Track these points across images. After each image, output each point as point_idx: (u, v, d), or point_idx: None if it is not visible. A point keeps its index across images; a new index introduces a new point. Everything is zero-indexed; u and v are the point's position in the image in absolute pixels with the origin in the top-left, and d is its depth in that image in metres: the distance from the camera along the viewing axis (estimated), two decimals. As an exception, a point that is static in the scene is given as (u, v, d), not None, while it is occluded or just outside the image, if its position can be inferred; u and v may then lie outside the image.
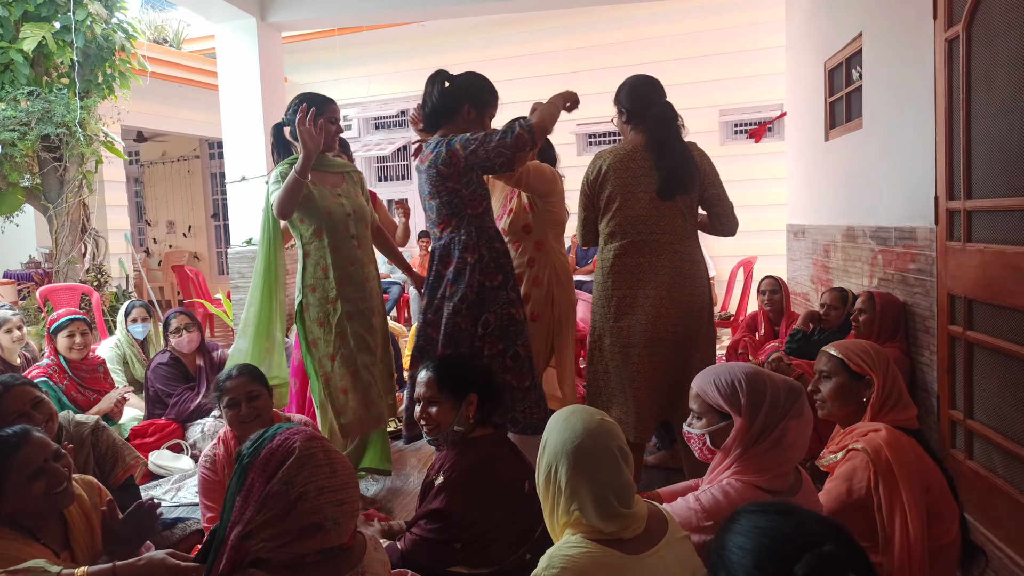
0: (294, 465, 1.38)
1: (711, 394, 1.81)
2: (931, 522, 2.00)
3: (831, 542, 0.97)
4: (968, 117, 2.79)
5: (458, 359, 2.46)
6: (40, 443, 1.94)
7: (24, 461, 1.88)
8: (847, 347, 2.24)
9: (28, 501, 1.88)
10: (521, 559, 2.13)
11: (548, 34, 8.24)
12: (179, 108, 9.18)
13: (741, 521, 1.07)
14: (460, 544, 2.12)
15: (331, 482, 1.40)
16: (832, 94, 5.04)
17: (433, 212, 2.76)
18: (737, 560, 1.02)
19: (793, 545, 0.98)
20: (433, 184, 2.69)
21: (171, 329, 4.08)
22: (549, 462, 1.53)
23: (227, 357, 4.34)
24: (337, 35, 8.59)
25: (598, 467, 1.49)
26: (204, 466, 2.66)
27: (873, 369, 2.16)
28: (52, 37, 6.03)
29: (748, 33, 7.59)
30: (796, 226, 6.12)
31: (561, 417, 1.59)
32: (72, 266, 6.45)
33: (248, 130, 6.59)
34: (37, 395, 2.50)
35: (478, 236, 2.70)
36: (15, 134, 5.80)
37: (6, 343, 3.99)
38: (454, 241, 2.71)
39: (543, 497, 1.56)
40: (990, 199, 2.66)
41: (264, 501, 1.36)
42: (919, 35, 3.20)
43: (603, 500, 1.46)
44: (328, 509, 1.38)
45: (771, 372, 1.83)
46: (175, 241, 12.43)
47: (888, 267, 3.71)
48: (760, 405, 1.73)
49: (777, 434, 1.71)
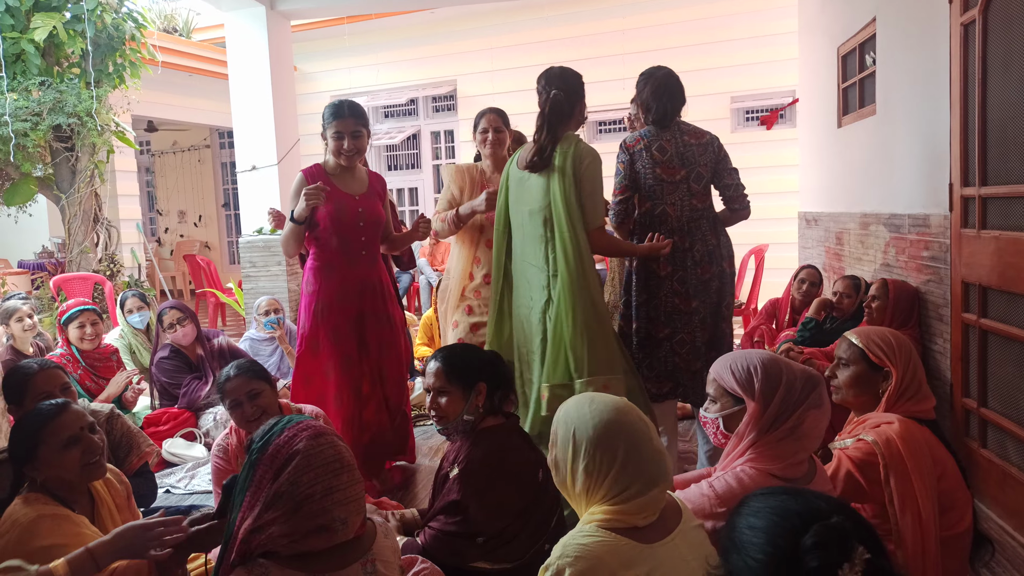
0: (301, 465, 1.39)
1: (726, 379, 1.81)
2: (944, 511, 2.00)
3: (839, 515, 0.99)
4: (984, 103, 2.75)
5: (466, 348, 2.45)
6: (76, 413, 1.99)
7: (60, 428, 1.92)
8: (869, 336, 2.20)
9: (63, 469, 1.92)
10: (540, 551, 2.10)
11: (558, 21, 8.19)
12: (189, 97, 9.20)
13: (751, 504, 1.09)
14: (483, 539, 2.10)
15: (337, 481, 1.40)
16: (845, 80, 4.99)
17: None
18: (748, 540, 1.03)
19: (802, 519, 1.00)
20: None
21: (165, 325, 4.09)
22: (584, 446, 1.50)
23: (228, 343, 4.38)
24: (346, 23, 8.57)
25: (640, 437, 1.50)
26: (217, 455, 2.67)
27: (893, 361, 2.13)
28: (63, 27, 6.04)
29: (760, 19, 7.51)
30: (808, 214, 6.08)
31: (577, 405, 1.58)
32: (85, 256, 6.49)
33: (258, 119, 6.60)
34: (66, 380, 2.65)
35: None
36: (27, 124, 5.83)
37: (17, 332, 4.02)
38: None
39: (572, 481, 1.52)
40: (1005, 185, 2.63)
41: (272, 500, 1.37)
42: (934, 20, 3.16)
43: (648, 464, 1.47)
44: (335, 510, 1.39)
45: (790, 360, 1.82)
46: (186, 231, 12.49)
47: (901, 255, 3.68)
48: (775, 391, 1.72)
49: (792, 422, 1.70)
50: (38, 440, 1.91)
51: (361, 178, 3.20)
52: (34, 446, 1.90)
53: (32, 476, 1.92)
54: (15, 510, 1.86)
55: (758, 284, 6.56)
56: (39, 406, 2.01)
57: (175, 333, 4.07)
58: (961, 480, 2.08)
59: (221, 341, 4.34)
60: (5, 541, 1.77)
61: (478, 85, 8.68)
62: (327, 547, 1.40)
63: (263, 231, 6.52)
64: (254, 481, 1.41)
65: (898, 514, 1.95)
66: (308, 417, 1.53)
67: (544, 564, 1.46)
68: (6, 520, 1.84)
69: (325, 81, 9.43)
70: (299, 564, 1.40)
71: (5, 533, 1.80)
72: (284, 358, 4.68)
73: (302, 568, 1.39)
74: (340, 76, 9.32)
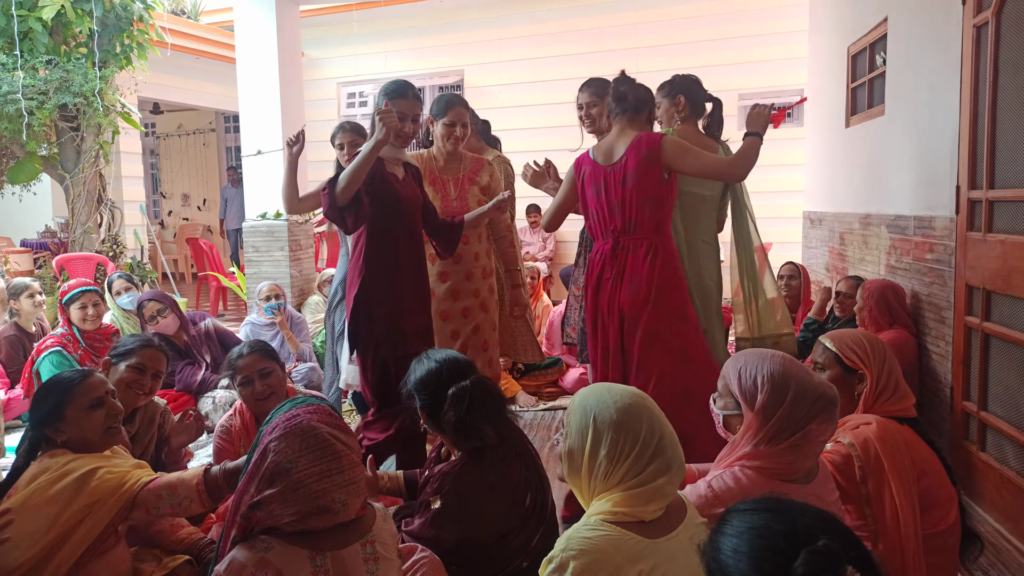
0: (298, 446, 1.42)
1: (732, 382, 1.76)
2: (927, 509, 2.01)
3: (825, 535, 0.97)
4: (994, 105, 2.74)
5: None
6: (101, 380, 2.10)
7: (86, 390, 2.02)
8: (842, 339, 2.23)
9: (87, 429, 2.00)
10: (518, 568, 2.01)
11: (567, 13, 8.15)
12: (196, 80, 9.17)
13: (732, 522, 1.05)
14: (455, 565, 1.96)
15: (335, 464, 1.42)
16: (855, 80, 4.97)
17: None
18: (734, 565, 1.01)
19: (787, 542, 0.98)
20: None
21: (146, 317, 4.09)
22: (606, 431, 1.49)
23: (215, 325, 4.38)
24: (355, 10, 8.55)
25: (660, 419, 1.51)
26: (220, 436, 2.68)
27: (866, 364, 2.15)
28: (71, 6, 6.01)
29: (769, 16, 7.48)
30: (813, 213, 6.07)
31: (595, 392, 1.57)
32: (88, 236, 6.48)
33: (265, 104, 6.59)
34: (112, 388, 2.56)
35: None
36: (33, 103, 5.81)
37: (27, 308, 4.04)
38: None
39: (590, 469, 1.50)
40: (1013, 189, 2.62)
41: (272, 476, 1.41)
42: (947, 21, 3.15)
43: (667, 446, 1.48)
44: (335, 492, 1.41)
45: (808, 374, 1.71)
46: (190, 214, 12.48)
47: (905, 256, 3.67)
48: (777, 408, 1.65)
49: (796, 440, 1.65)
50: (67, 399, 1.99)
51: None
52: (62, 405, 1.98)
53: (53, 438, 1.98)
54: (52, 460, 1.93)
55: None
56: (64, 372, 2.12)
57: (157, 325, 4.07)
58: (944, 477, 2.09)
59: (208, 324, 4.34)
60: (70, 479, 1.87)
61: (485, 76, 8.65)
62: (328, 526, 1.43)
63: (267, 216, 6.52)
64: (256, 456, 1.45)
65: (876, 514, 1.96)
66: (316, 401, 1.54)
67: (547, 556, 1.45)
68: (49, 467, 1.90)
69: (332, 68, 9.41)
70: (300, 541, 1.43)
71: (59, 479, 1.87)
72: (285, 343, 4.68)
73: (303, 545, 1.42)
74: (348, 63, 9.29)
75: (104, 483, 1.87)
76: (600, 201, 2.76)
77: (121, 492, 1.87)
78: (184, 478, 1.92)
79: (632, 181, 2.66)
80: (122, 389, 2.56)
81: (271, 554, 1.40)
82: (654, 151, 2.64)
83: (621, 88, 2.80)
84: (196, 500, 1.90)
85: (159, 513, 1.92)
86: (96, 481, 1.86)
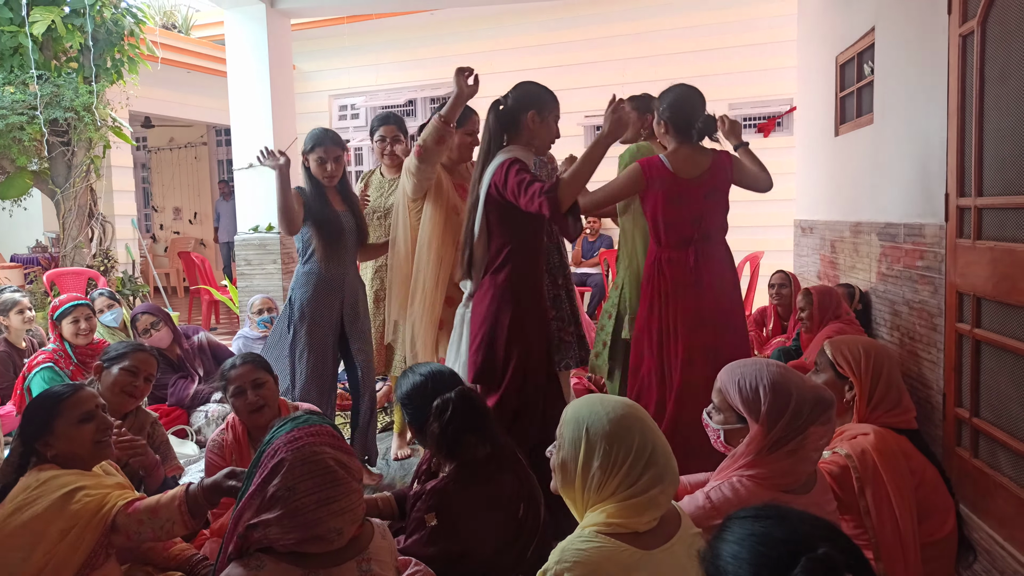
0: (299, 472, 1.40)
1: (732, 395, 1.77)
2: (924, 518, 2.02)
3: (825, 543, 0.97)
4: (981, 113, 2.77)
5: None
6: (92, 394, 2.08)
7: (78, 402, 2.01)
8: (840, 346, 2.26)
9: (77, 443, 1.96)
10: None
11: (557, 25, 8.19)
12: (187, 94, 9.17)
13: (733, 529, 1.06)
14: None
15: (334, 491, 1.41)
16: (843, 89, 5.01)
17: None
18: (734, 571, 1.01)
19: (787, 549, 0.98)
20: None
21: (139, 330, 4.07)
22: (599, 442, 1.48)
23: (208, 339, 4.37)
24: (346, 23, 8.56)
25: (653, 430, 1.51)
26: (212, 451, 2.66)
27: (856, 373, 2.18)
28: (62, 21, 6.01)
29: (758, 27, 7.53)
30: (804, 222, 6.10)
31: (588, 403, 1.57)
32: (79, 251, 6.46)
33: (256, 117, 6.58)
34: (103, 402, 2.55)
35: None
36: (23, 118, 5.80)
37: (16, 324, 4.01)
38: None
39: (583, 480, 1.49)
40: (1002, 196, 2.64)
41: (270, 501, 1.39)
42: (933, 30, 3.18)
43: (660, 456, 1.48)
44: (330, 520, 1.40)
45: (801, 379, 1.74)
46: (181, 227, 12.45)
47: (896, 264, 3.69)
48: (781, 415, 1.67)
49: (794, 445, 1.67)
50: (56, 412, 1.96)
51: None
52: (51, 418, 1.96)
53: (43, 452, 1.95)
54: (37, 475, 1.89)
55: (753, 291, 6.57)
56: (54, 386, 2.10)
57: (150, 337, 4.05)
58: (941, 487, 2.10)
59: (201, 337, 4.33)
60: (47, 501, 1.82)
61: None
62: (322, 552, 1.42)
63: (258, 229, 6.50)
64: (256, 476, 1.43)
65: (875, 525, 1.97)
66: (319, 421, 1.52)
67: (541, 569, 1.45)
68: (30, 485, 1.87)
69: (324, 80, 9.42)
70: (295, 560, 1.42)
71: (40, 496, 1.83)
72: (278, 357, 4.66)
73: (298, 564, 1.41)
74: (339, 76, 9.31)
75: (84, 507, 1.82)
76: (677, 211, 2.90)
77: (99, 516, 1.82)
78: (163, 501, 1.86)
79: (718, 196, 2.95)
80: (115, 392, 2.59)
81: (263, 573, 1.39)
82: (731, 169, 2.97)
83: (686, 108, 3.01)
84: (179, 522, 1.84)
85: (141, 539, 1.86)
86: (75, 504, 1.81)
